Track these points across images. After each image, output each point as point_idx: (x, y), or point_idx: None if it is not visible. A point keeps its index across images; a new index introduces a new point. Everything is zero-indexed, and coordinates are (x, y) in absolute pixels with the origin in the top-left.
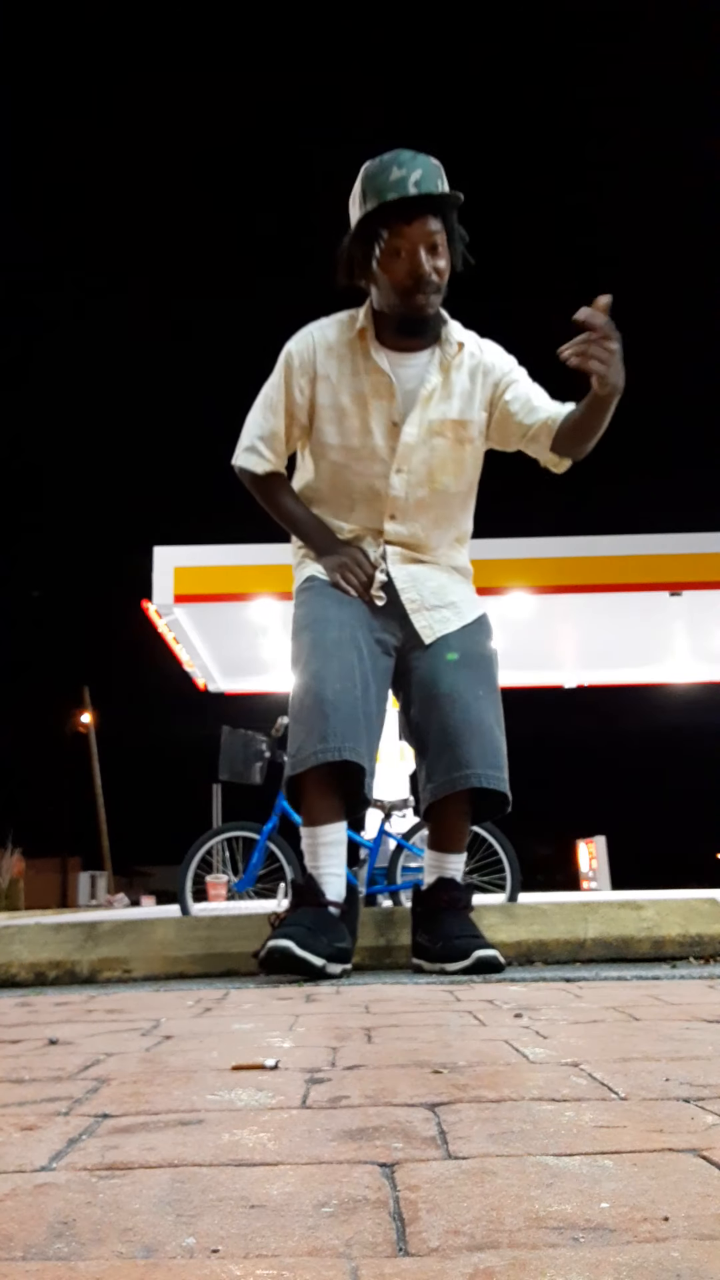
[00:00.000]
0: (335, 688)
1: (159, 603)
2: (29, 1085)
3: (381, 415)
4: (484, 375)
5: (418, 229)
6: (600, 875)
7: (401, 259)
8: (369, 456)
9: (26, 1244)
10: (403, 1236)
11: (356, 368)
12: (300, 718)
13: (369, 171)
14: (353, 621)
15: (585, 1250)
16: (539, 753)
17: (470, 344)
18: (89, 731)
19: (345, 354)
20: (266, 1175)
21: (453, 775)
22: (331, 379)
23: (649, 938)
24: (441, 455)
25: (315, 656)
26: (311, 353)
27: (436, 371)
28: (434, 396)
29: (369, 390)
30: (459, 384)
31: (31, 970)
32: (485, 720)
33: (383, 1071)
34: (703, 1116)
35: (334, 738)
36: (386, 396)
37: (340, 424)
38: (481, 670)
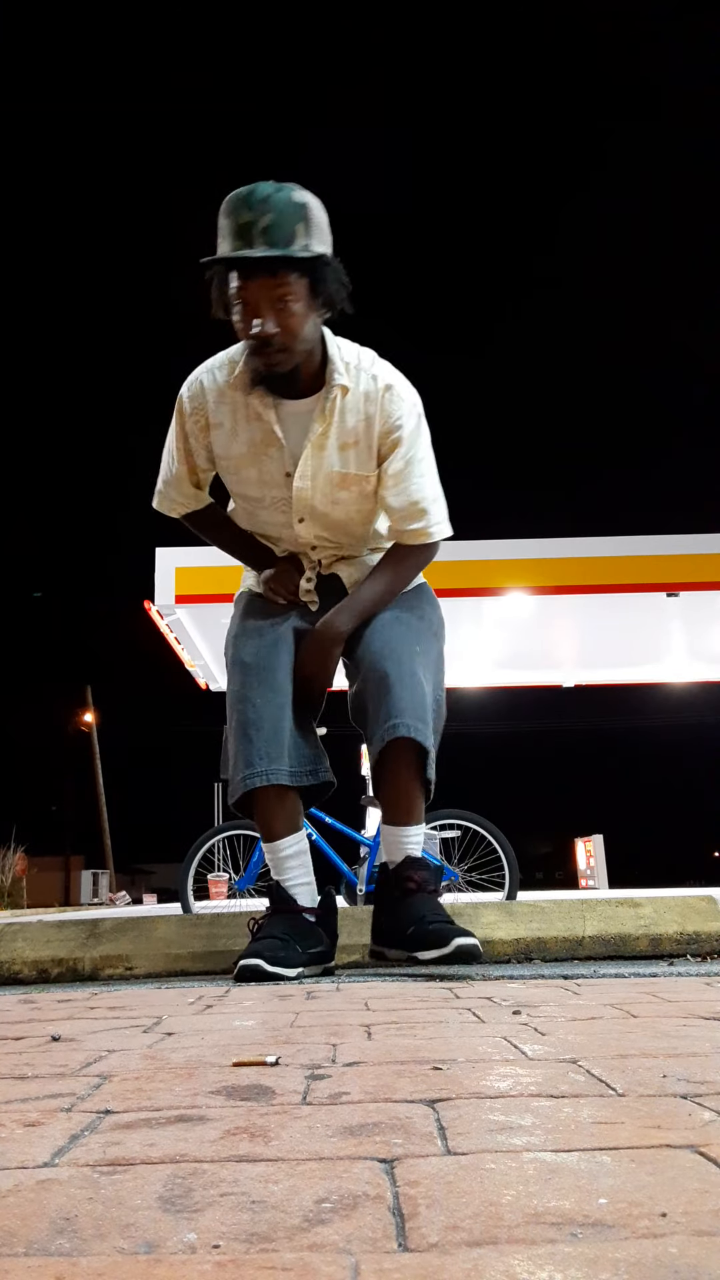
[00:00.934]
0: (255, 705)
1: (161, 603)
2: (32, 1082)
3: (275, 465)
4: (379, 421)
5: (257, 286)
6: (598, 874)
7: (242, 314)
8: (270, 505)
9: (29, 1240)
10: (402, 1232)
11: (248, 412)
12: (228, 742)
13: (224, 207)
14: (281, 621)
15: (583, 1246)
16: (537, 752)
17: (362, 383)
18: (91, 730)
19: (236, 400)
20: (267, 1171)
21: (383, 725)
22: (225, 427)
23: (647, 935)
24: (345, 508)
25: (235, 675)
26: (201, 398)
27: (320, 420)
28: (325, 445)
29: (259, 439)
30: (350, 429)
31: (34, 967)
32: (418, 675)
33: (383, 1068)
34: (700, 1113)
35: (259, 761)
36: (275, 445)
37: (238, 474)
38: (412, 631)
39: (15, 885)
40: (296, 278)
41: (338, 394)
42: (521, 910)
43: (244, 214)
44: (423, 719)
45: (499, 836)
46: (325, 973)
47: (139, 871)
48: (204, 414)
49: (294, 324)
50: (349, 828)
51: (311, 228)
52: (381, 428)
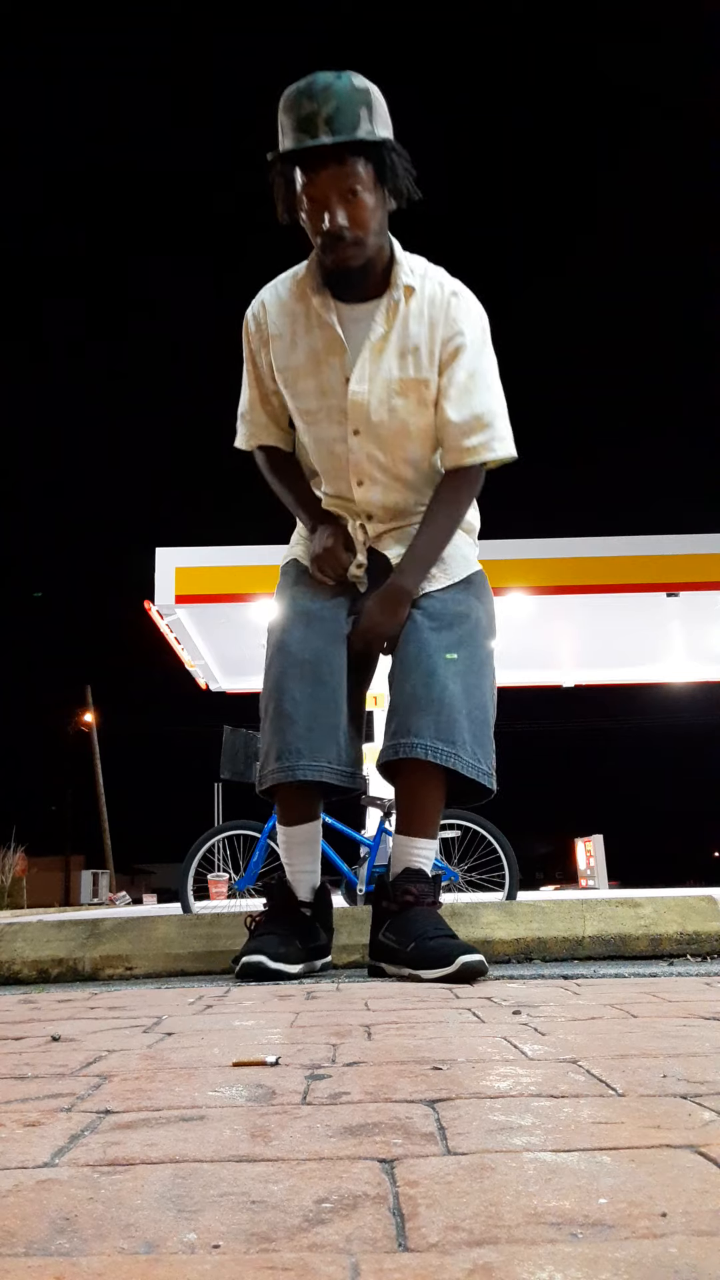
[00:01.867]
0: (294, 698)
1: (161, 603)
2: (31, 1082)
3: (334, 373)
4: (443, 326)
5: (326, 176)
6: (598, 874)
7: (312, 209)
8: (327, 418)
9: (29, 1240)
10: (402, 1232)
11: (309, 324)
12: (263, 731)
13: (283, 103)
14: (327, 605)
15: (583, 1246)
16: (537, 752)
17: (428, 288)
18: (91, 731)
19: (297, 310)
20: (267, 1171)
21: (396, 741)
22: (285, 338)
23: (646, 935)
24: (402, 418)
25: (277, 661)
26: (263, 314)
27: (383, 321)
28: (384, 349)
29: (321, 347)
30: (413, 334)
31: (34, 967)
32: (450, 688)
33: (383, 1068)
34: (700, 1113)
35: (288, 755)
36: (337, 352)
37: (296, 385)
38: (457, 632)
39: (15, 885)
40: (364, 165)
41: (402, 296)
42: (521, 910)
43: (305, 105)
44: (446, 737)
45: (499, 836)
46: (324, 968)
47: (139, 871)
48: (264, 328)
49: (365, 215)
50: (349, 828)
51: (375, 113)
52: (445, 334)
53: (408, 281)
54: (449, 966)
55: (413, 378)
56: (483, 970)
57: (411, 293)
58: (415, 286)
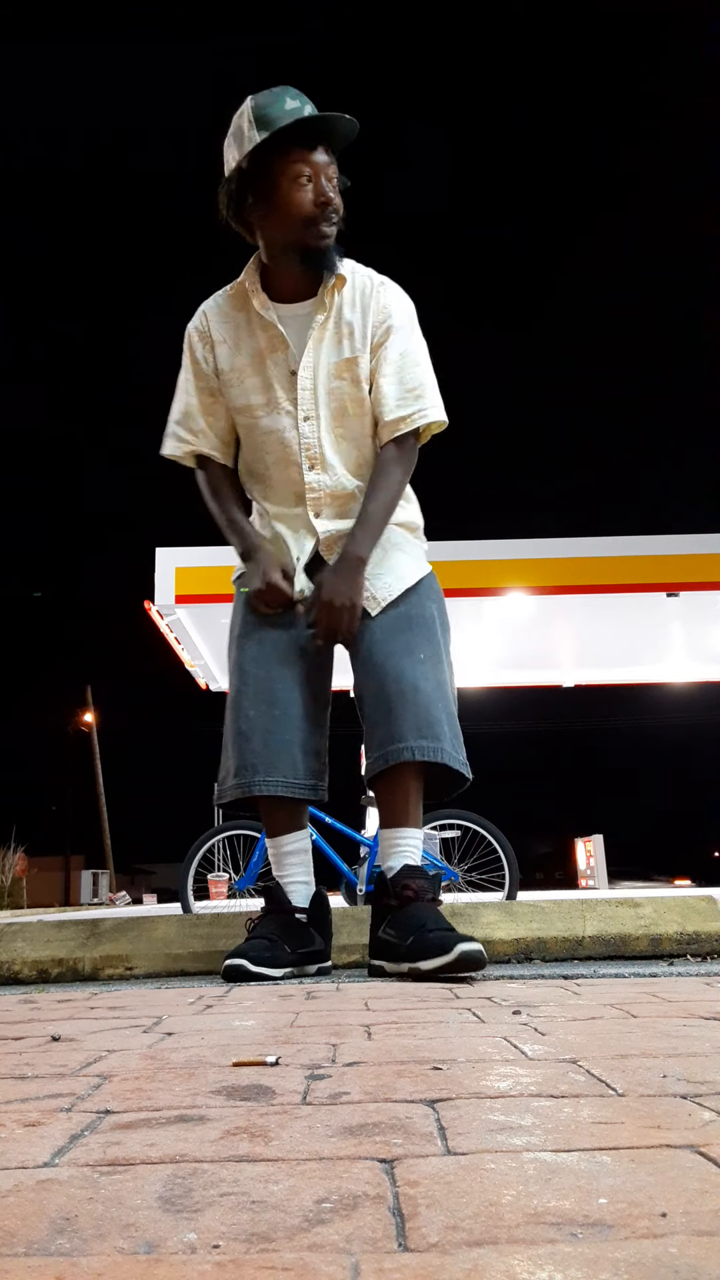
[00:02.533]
0: (249, 716)
1: (161, 603)
2: (31, 1082)
3: (279, 369)
4: (373, 312)
5: (317, 156)
6: (598, 874)
7: (307, 186)
8: (275, 410)
9: (29, 1240)
10: (402, 1232)
11: (251, 327)
12: (223, 746)
13: (258, 103)
14: (285, 628)
15: (583, 1246)
16: (537, 752)
17: (358, 279)
18: (91, 731)
19: (238, 317)
20: (267, 1171)
21: (385, 750)
22: (228, 343)
23: (646, 935)
24: (341, 397)
25: (234, 679)
26: (204, 322)
27: (323, 310)
28: (324, 337)
29: (264, 346)
30: (347, 319)
31: (34, 968)
32: (421, 687)
33: (383, 1068)
34: (700, 1113)
35: (245, 772)
36: (280, 348)
37: (242, 384)
38: (419, 633)
39: (15, 885)
40: (335, 159)
41: (336, 283)
42: (521, 910)
43: (289, 103)
44: (429, 734)
45: (499, 836)
46: (321, 972)
47: (139, 871)
48: (208, 335)
49: (340, 201)
50: (349, 828)
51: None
52: (376, 318)
53: (342, 270)
54: (447, 955)
55: (347, 357)
56: (481, 958)
57: (343, 281)
58: (346, 276)
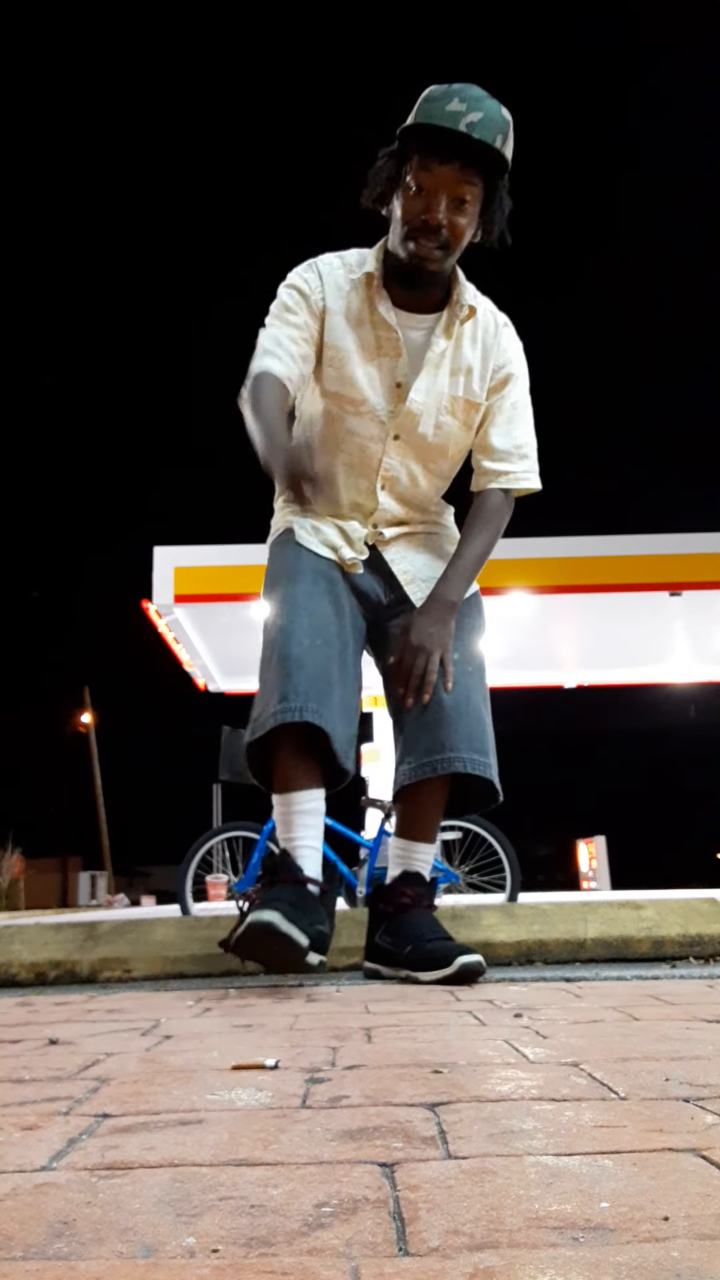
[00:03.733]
0: (303, 644)
1: (159, 603)
2: (29, 1085)
3: (385, 373)
4: (494, 355)
5: (447, 171)
6: (600, 875)
7: (418, 196)
8: (367, 414)
9: (27, 1244)
10: (403, 1236)
11: (363, 316)
12: (263, 677)
13: (428, 94)
14: (330, 573)
15: (585, 1250)
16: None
17: (484, 313)
18: (89, 731)
19: (354, 299)
20: (267, 1175)
21: (433, 758)
22: (339, 316)
23: (649, 938)
24: (445, 435)
25: (283, 611)
26: (319, 284)
27: (443, 335)
28: (442, 363)
29: (374, 345)
30: (467, 355)
31: (32, 970)
32: (473, 700)
33: (383, 1071)
34: (702, 1116)
35: (295, 697)
36: (391, 354)
37: (344, 369)
38: (470, 647)
39: (13, 887)
40: (480, 182)
41: (465, 314)
42: (523, 912)
43: (454, 103)
44: (480, 748)
45: (500, 838)
46: (319, 966)
47: (137, 873)
48: (320, 297)
49: (463, 227)
50: (349, 829)
51: (508, 143)
52: (496, 361)
53: (471, 302)
54: (447, 968)
55: (463, 398)
56: (481, 971)
57: (473, 314)
58: (478, 309)
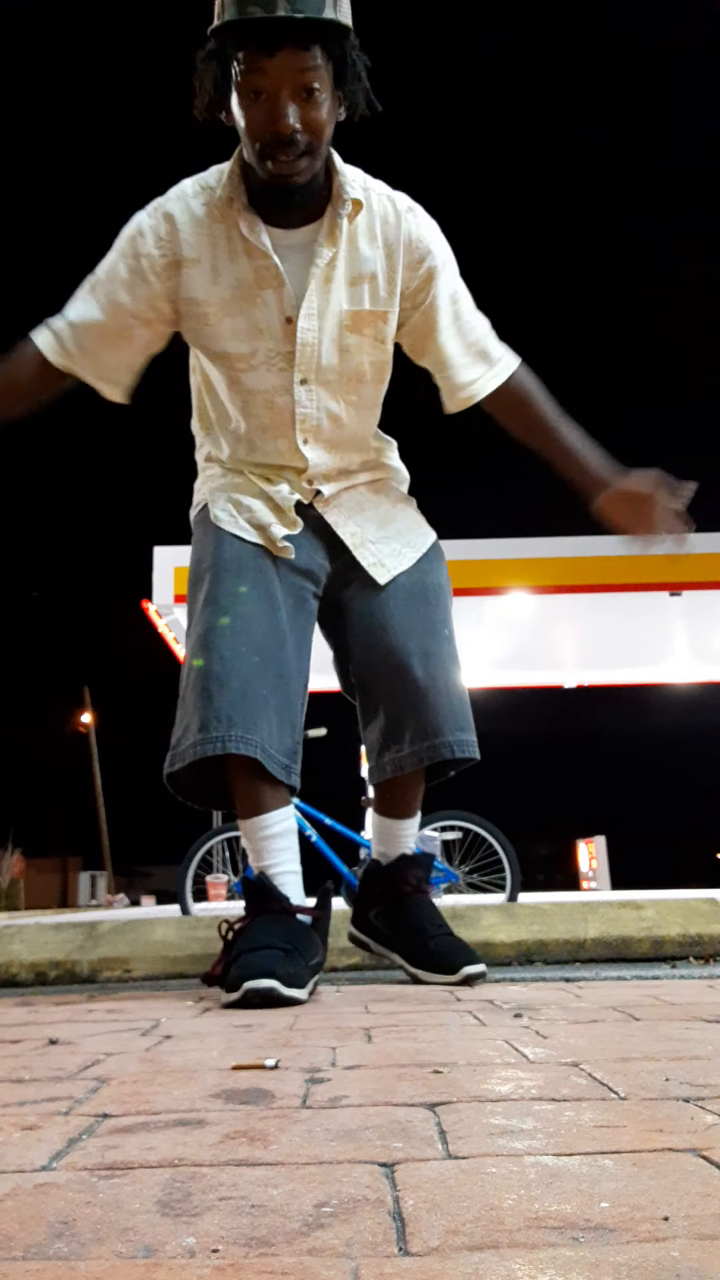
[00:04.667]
0: (224, 657)
1: (159, 603)
2: (29, 1085)
3: (269, 311)
4: (404, 250)
5: (282, 64)
6: (600, 875)
7: (257, 105)
8: (264, 364)
9: (26, 1244)
10: (403, 1236)
11: (233, 249)
12: (182, 695)
13: None
14: (257, 561)
15: (585, 1250)
16: (539, 753)
17: (376, 202)
18: (89, 731)
19: (216, 231)
20: (267, 1175)
21: (421, 746)
22: (203, 265)
23: (649, 938)
24: (356, 358)
25: (203, 617)
26: (170, 229)
27: (326, 243)
28: (332, 278)
29: (251, 279)
30: (365, 258)
31: (32, 970)
32: (450, 672)
33: (382, 1071)
34: (703, 1116)
35: (216, 725)
36: (273, 285)
37: (220, 325)
38: (439, 608)
39: (13, 887)
40: (324, 58)
41: (349, 211)
42: (523, 912)
43: None
44: (465, 725)
45: (500, 838)
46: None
47: (137, 873)
48: (173, 248)
49: (321, 118)
50: (348, 829)
51: (342, 2)
52: (408, 257)
53: (354, 195)
54: (451, 976)
55: (368, 310)
56: (482, 978)
57: (360, 208)
58: (362, 200)
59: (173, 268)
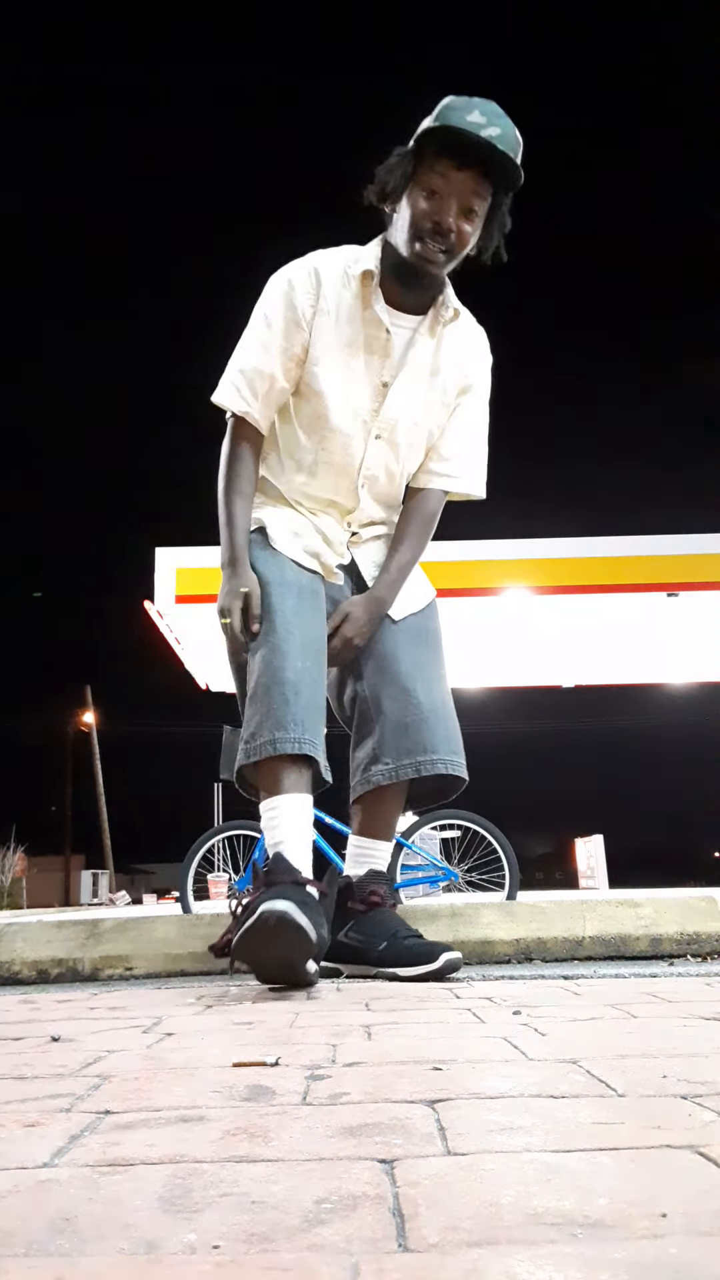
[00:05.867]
0: (298, 667)
1: (161, 603)
2: (31, 1082)
3: (371, 372)
4: (468, 367)
5: (464, 178)
6: (597, 874)
7: (431, 198)
8: (351, 413)
9: (28, 1240)
10: (402, 1232)
11: (354, 314)
12: (258, 697)
13: (449, 102)
14: (314, 586)
15: (583, 1246)
16: (537, 753)
17: (466, 319)
18: (91, 731)
19: (346, 295)
20: (267, 1172)
21: (415, 759)
22: (332, 317)
23: (647, 936)
24: (420, 434)
25: (276, 627)
26: (315, 283)
27: (427, 335)
28: (425, 363)
29: (363, 343)
30: (447, 358)
31: (34, 968)
32: (447, 703)
33: (382, 1068)
34: (700, 1113)
35: (294, 727)
36: (380, 353)
37: (329, 369)
38: (435, 649)
39: (15, 885)
40: (489, 196)
41: (449, 318)
42: (521, 910)
43: (475, 114)
44: (458, 749)
45: (499, 836)
46: (323, 974)
47: (139, 871)
48: (315, 297)
49: (469, 235)
50: (348, 828)
51: (519, 160)
52: (468, 371)
53: (456, 306)
54: (433, 963)
55: (438, 399)
56: (460, 965)
57: (457, 316)
58: (461, 313)
59: (311, 318)
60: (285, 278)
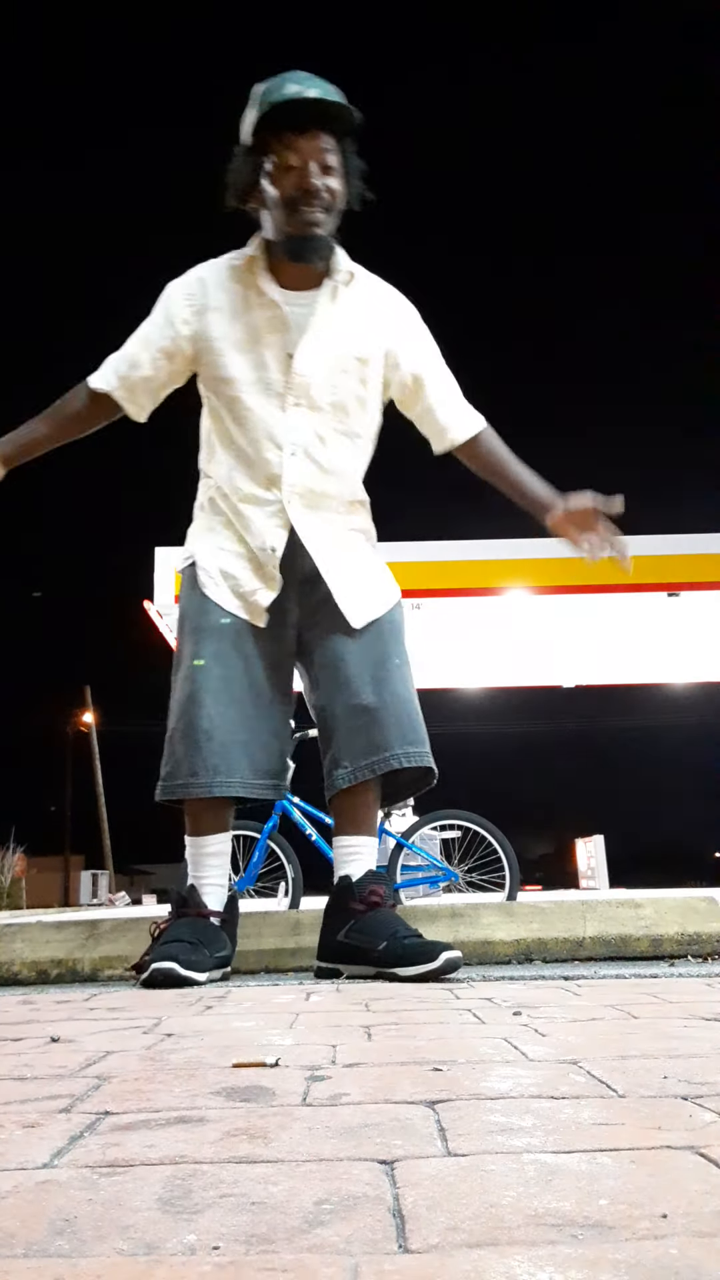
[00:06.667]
0: (210, 715)
1: (160, 603)
2: (31, 1083)
3: (274, 351)
4: (384, 319)
5: (309, 142)
6: (598, 874)
7: (291, 172)
8: (263, 391)
9: (28, 1241)
10: (402, 1233)
11: (248, 302)
12: (174, 741)
13: (262, 88)
14: (236, 627)
15: (584, 1247)
16: (538, 753)
17: (365, 278)
18: (90, 731)
19: (235, 289)
20: (267, 1172)
21: (370, 760)
22: (224, 311)
23: (647, 936)
24: (343, 394)
25: (191, 674)
26: (199, 287)
27: (328, 300)
28: (329, 325)
29: (262, 325)
30: (355, 315)
31: (33, 968)
32: (399, 693)
33: (382, 1069)
34: (701, 1114)
35: (204, 773)
36: (279, 330)
37: (233, 356)
38: (393, 642)
39: (15, 886)
40: (337, 148)
41: (345, 278)
42: (522, 911)
43: (289, 86)
44: (416, 740)
45: (499, 837)
46: (225, 978)
47: (138, 872)
48: (200, 299)
49: (337, 189)
50: None
51: (348, 103)
52: (393, 324)
53: (350, 268)
54: (433, 963)
55: (354, 355)
56: (460, 964)
57: (352, 278)
58: (355, 274)
59: (198, 313)
60: (168, 290)
